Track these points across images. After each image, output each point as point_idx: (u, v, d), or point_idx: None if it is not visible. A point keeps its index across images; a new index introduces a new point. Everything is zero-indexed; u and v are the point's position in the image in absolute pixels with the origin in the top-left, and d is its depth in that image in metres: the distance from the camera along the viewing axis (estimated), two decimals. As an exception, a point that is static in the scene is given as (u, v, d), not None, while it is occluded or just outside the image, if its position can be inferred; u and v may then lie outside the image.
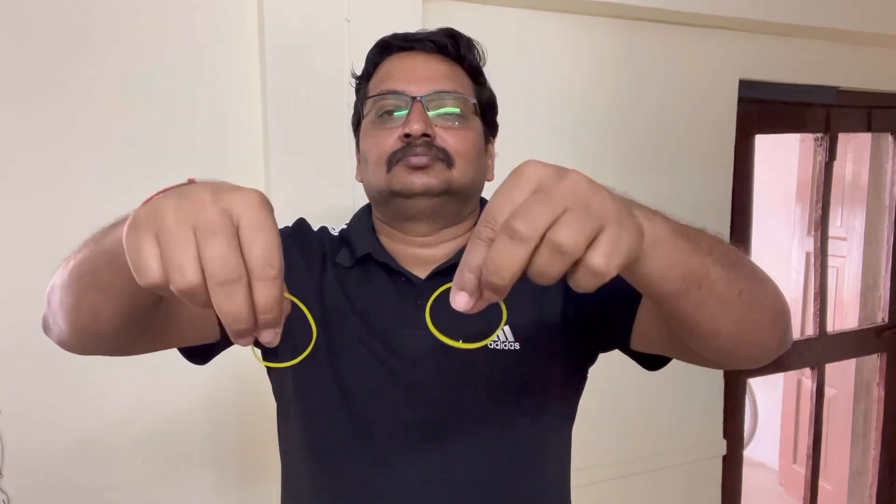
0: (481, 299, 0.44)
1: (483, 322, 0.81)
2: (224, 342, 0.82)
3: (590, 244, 0.41)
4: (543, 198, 0.41)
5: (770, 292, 0.60)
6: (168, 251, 0.41)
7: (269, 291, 0.41)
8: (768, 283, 0.61)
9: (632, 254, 0.44)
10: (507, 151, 0.95)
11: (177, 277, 0.40)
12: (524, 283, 0.84)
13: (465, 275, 0.43)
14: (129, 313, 0.60)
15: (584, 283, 0.43)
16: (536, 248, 0.41)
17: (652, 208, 0.51)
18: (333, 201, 1.38)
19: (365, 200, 0.94)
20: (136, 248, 0.42)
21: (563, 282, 0.88)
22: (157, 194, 0.48)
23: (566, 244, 0.40)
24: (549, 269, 0.41)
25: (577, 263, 0.42)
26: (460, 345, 0.52)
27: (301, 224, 0.93)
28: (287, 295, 0.44)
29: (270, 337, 0.43)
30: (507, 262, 0.41)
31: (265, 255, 0.41)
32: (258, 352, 0.51)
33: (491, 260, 0.41)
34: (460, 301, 0.44)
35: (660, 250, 0.49)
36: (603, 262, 0.41)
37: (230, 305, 0.40)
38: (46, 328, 0.67)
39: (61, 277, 0.61)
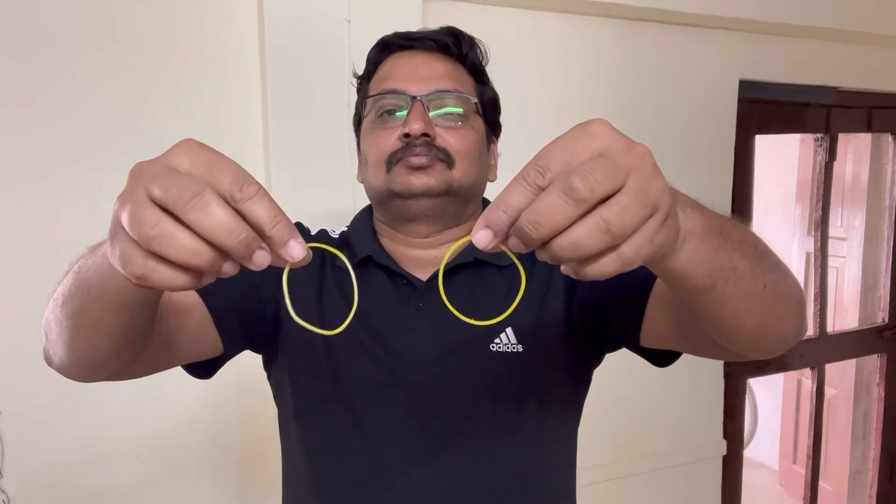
0: (505, 242, 0.41)
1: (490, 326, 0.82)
2: (228, 354, 0.81)
3: None
4: (609, 164, 0.38)
5: (791, 283, 0.59)
6: (164, 244, 0.39)
7: (260, 205, 0.40)
8: (789, 275, 0.59)
9: (663, 250, 0.43)
10: (507, 152, 0.95)
11: (183, 255, 0.39)
12: (527, 285, 0.84)
13: (497, 213, 0.40)
14: (125, 341, 0.59)
15: (606, 268, 0.40)
16: (582, 215, 0.38)
17: (692, 199, 0.50)
18: (333, 202, 1.38)
19: (366, 202, 0.93)
20: (126, 259, 0.40)
21: (566, 280, 0.87)
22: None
23: (616, 225, 0.38)
24: (586, 243, 0.38)
25: None
26: (475, 321, 0.51)
27: (299, 227, 0.92)
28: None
29: (299, 251, 0.41)
30: (552, 217, 0.38)
31: (235, 179, 0.40)
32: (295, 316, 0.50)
33: (535, 209, 0.38)
34: (483, 238, 0.41)
35: (690, 246, 0.47)
36: (633, 251, 0.39)
37: (218, 229, 0.38)
38: (48, 359, 0.66)
39: (54, 313, 0.60)
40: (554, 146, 0.40)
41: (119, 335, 0.58)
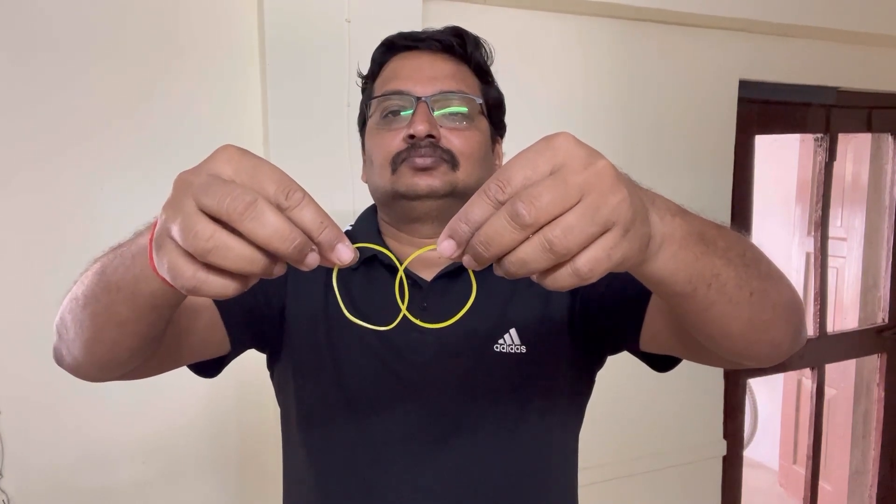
0: (465, 256, 0.43)
1: (485, 326, 0.82)
2: (234, 353, 0.81)
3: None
4: (559, 185, 0.39)
5: (784, 291, 0.59)
6: (221, 255, 0.40)
7: (306, 211, 0.41)
8: (783, 282, 0.59)
9: (627, 262, 0.43)
10: (508, 152, 0.95)
11: (237, 262, 0.40)
12: (530, 286, 0.84)
13: (459, 225, 0.42)
14: (148, 340, 0.60)
15: (562, 282, 0.41)
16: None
17: (676, 205, 0.50)
18: (334, 203, 1.38)
19: (366, 202, 0.93)
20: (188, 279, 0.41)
21: None
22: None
23: (557, 245, 0.39)
24: (532, 262, 0.40)
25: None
26: (427, 325, 0.53)
27: None
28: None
29: (347, 254, 0.43)
30: (500, 239, 0.40)
31: (280, 187, 0.40)
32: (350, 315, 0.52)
33: (486, 231, 0.40)
34: (447, 248, 0.43)
35: (667, 252, 0.48)
36: (588, 266, 0.40)
37: (271, 235, 0.39)
38: (59, 359, 0.66)
39: (72, 312, 0.59)
40: (517, 160, 0.41)
41: (144, 334, 0.58)
